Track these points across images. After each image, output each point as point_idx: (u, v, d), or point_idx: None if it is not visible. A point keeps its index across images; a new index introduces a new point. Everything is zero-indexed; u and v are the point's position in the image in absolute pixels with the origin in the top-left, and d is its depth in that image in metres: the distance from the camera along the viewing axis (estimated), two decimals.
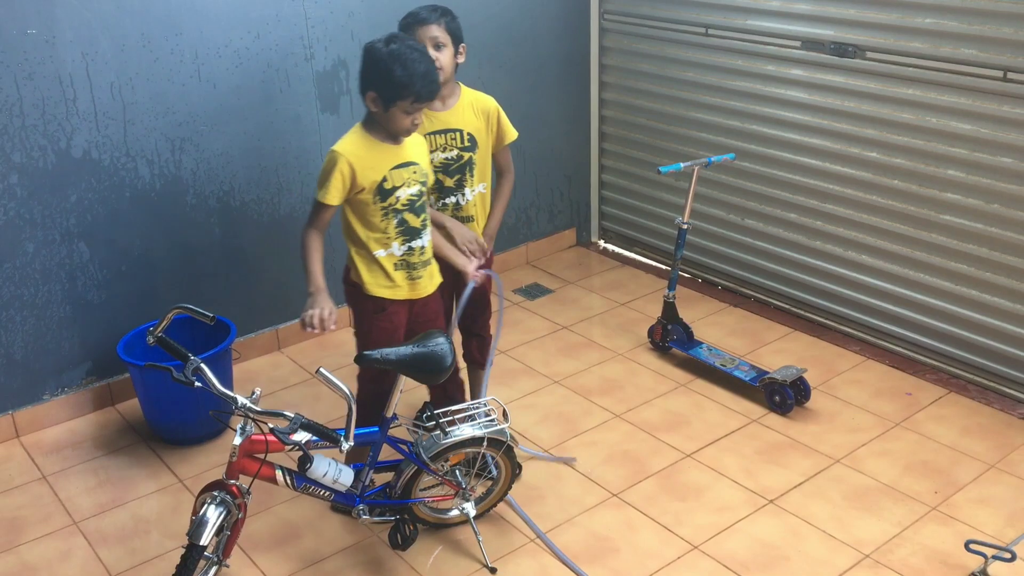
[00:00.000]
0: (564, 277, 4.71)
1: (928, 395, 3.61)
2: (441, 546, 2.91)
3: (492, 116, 3.07)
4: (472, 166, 3.05)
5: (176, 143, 3.56)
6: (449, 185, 3.05)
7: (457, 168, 3.04)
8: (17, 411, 3.50)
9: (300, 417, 2.36)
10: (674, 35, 4.35)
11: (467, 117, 3.02)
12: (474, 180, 3.08)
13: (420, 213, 2.80)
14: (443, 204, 3.07)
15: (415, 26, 2.91)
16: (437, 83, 2.68)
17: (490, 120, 3.07)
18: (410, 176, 2.75)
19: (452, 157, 3.02)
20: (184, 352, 2.46)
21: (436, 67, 2.70)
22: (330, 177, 2.68)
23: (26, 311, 3.41)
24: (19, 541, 2.98)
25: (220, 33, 3.54)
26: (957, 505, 3.00)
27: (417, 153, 2.80)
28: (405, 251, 2.80)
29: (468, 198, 3.08)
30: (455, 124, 3.01)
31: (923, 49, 3.47)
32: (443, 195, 3.06)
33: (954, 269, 3.61)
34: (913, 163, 3.62)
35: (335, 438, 2.39)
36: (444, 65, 2.89)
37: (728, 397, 3.63)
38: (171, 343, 2.49)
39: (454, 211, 3.08)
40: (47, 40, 3.19)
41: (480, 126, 3.04)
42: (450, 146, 3.01)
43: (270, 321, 4.03)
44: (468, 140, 3.03)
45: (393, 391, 2.65)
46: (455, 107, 3.01)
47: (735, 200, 4.32)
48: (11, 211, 3.28)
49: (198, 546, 2.41)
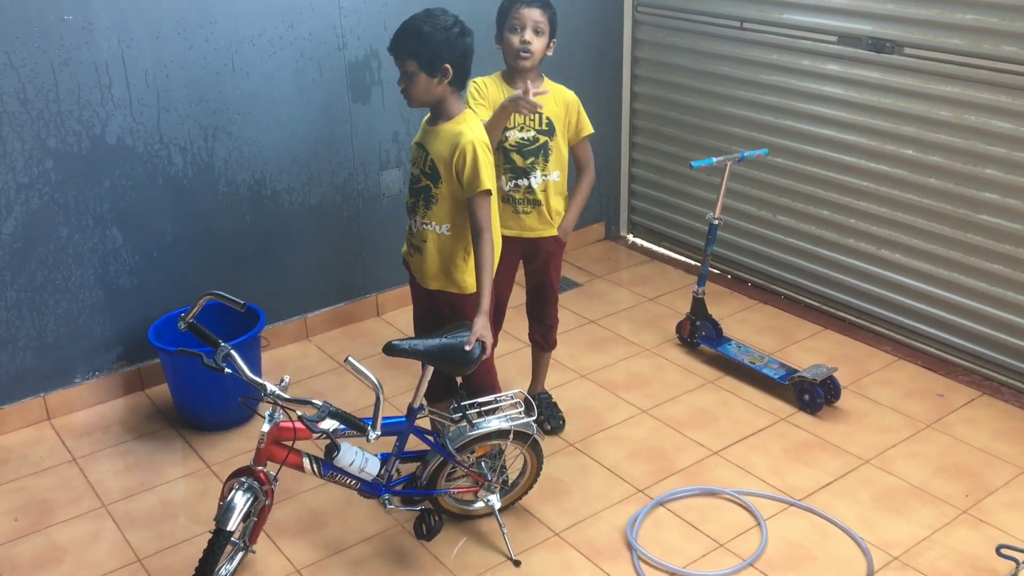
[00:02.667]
0: (592, 271, 4.69)
1: (960, 397, 3.56)
2: (465, 538, 2.91)
3: (572, 107, 3.09)
4: (547, 151, 3.06)
5: (209, 131, 3.58)
6: (521, 165, 3.06)
7: (532, 150, 3.05)
8: (48, 394, 3.54)
9: (328, 405, 2.37)
10: (708, 28, 4.31)
11: (548, 103, 3.03)
12: (548, 166, 3.08)
13: (412, 195, 2.79)
14: (515, 184, 3.08)
15: (520, 5, 2.94)
16: (396, 34, 2.63)
17: (569, 110, 3.09)
18: (416, 156, 2.78)
19: (528, 138, 3.04)
20: (215, 338, 2.48)
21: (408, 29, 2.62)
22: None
23: (59, 295, 3.45)
24: (49, 522, 3.02)
25: (254, 22, 3.55)
26: (988, 509, 2.96)
27: (437, 146, 2.70)
28: (408, 220, 2.85)
29: (538, 181, 3.08)
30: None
31: (963, 46, 3.41)
32: (515, 175, 3.07)
33: (990, 270, 3.55)
34: (950, 161, 3.56)
35: (362, 427, 2.40)
36: (536, 51, 2.95)
37: (756, 395, 3.60)
38: (202, 329, 2.52)
39: (525, 192, 3.09)
40: (83, 27, 3.21)
41: (560, 114, 3.06)
42: (528, 126, 3.03)
43: (299, 310, 4.05)
44: (546, 124, 3.05)
45: (420, 381, 2.66)
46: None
47: (767, 196, 4.28)
48: (46, 195, 3.31)
49: (225, 531, 2.43)
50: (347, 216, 4.04)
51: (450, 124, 2.70)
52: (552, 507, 3.02)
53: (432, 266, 2.80)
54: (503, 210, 3.10)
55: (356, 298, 4.20)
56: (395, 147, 4.06)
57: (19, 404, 3.49)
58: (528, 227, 3.14)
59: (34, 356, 3.47)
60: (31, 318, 3.41)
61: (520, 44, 2.94)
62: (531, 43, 2.93)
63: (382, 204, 4.11)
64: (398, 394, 3.55)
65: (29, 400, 3.50)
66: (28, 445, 3.41)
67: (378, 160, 4.04)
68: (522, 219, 3.12)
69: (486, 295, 2.64)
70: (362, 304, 4.21)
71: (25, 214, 3.29)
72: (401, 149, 4.07)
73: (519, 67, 2.98)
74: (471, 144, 2.63)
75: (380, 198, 4.10)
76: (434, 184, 2.72)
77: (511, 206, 3.11)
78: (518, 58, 2.96)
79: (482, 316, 2.62)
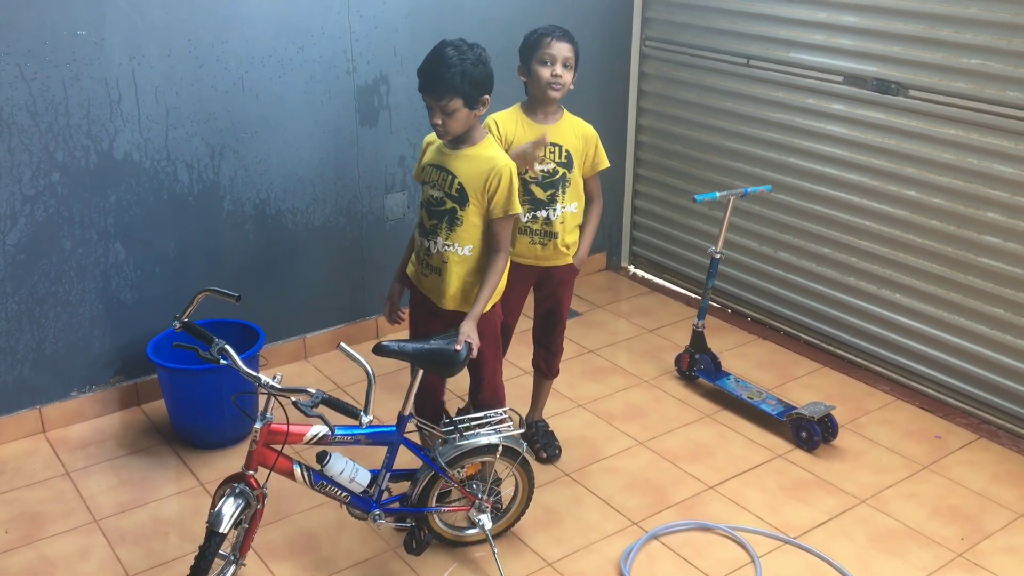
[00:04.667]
0: (592, 300, 4.70)
1: (958, 439, 3.55)
2: (456, 563, 2.89)
3: (591, 141, 3.13)
4: (566, 183, 3.09)
5: (216, 149, 3.60)
6: (541, 198, 3.08)
7: (551, 183, 3.08)
8: (45, 406, 3.53)
9: (321, 392, 2.41)
10: (715, 64, 4.34)
11: (568, 136, 3.08)
12: (566, 198, 3.11)
13: (433, 218, 2.80)
14: (533, 216, 3.10)
15: (553, 40, 2.97)
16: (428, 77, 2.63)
17: (588, 144, 3.12)
18: (438, 179, 2.79)
19: (548, 170, 3.07)
20: (209, 335, 2.53)
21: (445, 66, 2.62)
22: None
23: (59, 307, 3.45)
24: (40, 536, 3.00)
25: (265, 43, 3.58)
26: (984, 553, 2.95)
27: (464, 170, 2.75)
28: (420, 243, 2.87)
29: (558, 213, 3.10)
30: (555, 139, 3.06)
31: (967, 89, 3.44)
32: (534, 207, 3.09)
33: (990, 313, 3.56)
34: (952, 204, 3.58)
35: (355, 412, 2.43)
36: (566, 83, 3.02)
37: (754, 430, 3.60)
38: (197, 327, 2.56)
39: (543, 224, 3.11)
40: (96, 42, 3.24)
41: (579, 147, 3.10)
42: (548, 159, 3.06)
43: (298, 330, 4.05)
44: (566, 156, 3.08)
45: (410, 387, 2.68)
46: (557, 124, 3.08)
47: (769, 232, 4.30)
48: (51, 208, 3.33)
49: (217, 533, 2.45)
50: (350, 238, 4.05)
51: (478, 149, 2.75)
52: (545, 536, 3.01)
53: (452, 287, 2.82)
54: (519, 240, 3.13)
55: (356, 320, 4.20)
56: (400, 171, 4.08)
57: (15, 415, 3.48)
58: (543, 257, 3.16)
59: (32, 368, 3.46)
60: (31, 330, 3.41)
61: (552, 77, 2.98)
62: (561, 76, 2.98)
63: (385, 228, 4.12)
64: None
65: (25, 412, 3.50)
66: (22, 457, 3.40)
67: (383, 183, 4.06)
68: (537, 249, 3.14)
69: (481, 303, 2.75)
70: (362, 326, 4.21)
71: (30, 226, 3.30)
72: (407, 173, 4.09)
73: (549, 98, 3.02)
74: (507, 169, 2.73)
75: (384, 221, 4.11)
76: (460, 207, 2.75)
77: (527, 236, 3.12)
78: (549, 90, 2.99)
79: (470, 320, 2.71)
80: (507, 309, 3.24)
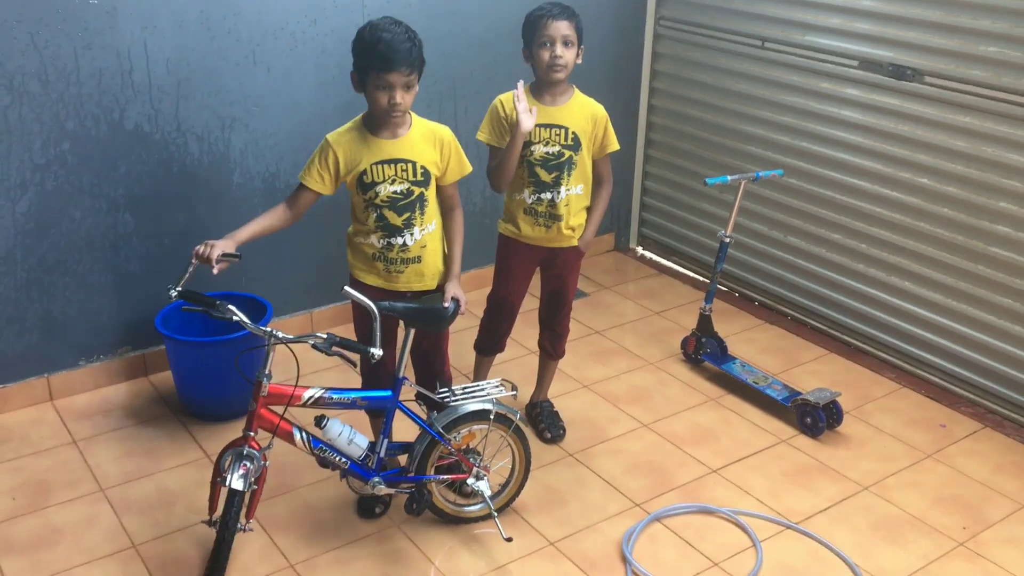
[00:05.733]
0: (600, 281, 4.69)
1: (962, 428, 3.55)
2: (457, 539, 2.91)
3: (600, 122, 3.09)
4: (572, 166, 3.07)
5: (227, 121, 3.59)
6: (546, 180, 3.06)
7: (556, 165, 3.05)
8: (52, 375, 3.55)
9: (332, 335, 2.48)
10: (730, 46, 4.31)
11: (576, 117, 3.04)
12: (571, 180, 3.08)
13: (403, 212, 2.74)
14: (538, 199, 3.09)
15: (548, 19, 2.94)
16: (400, 53, 2.57)
17: (597, 125, 3.08)
18: (395, 173, 2.72)
19: (553, 153, 3.04)
20: (210, 300, 2.56)
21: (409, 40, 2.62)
22: (312, 159, 2.75)
23: (68, 277, 3.46)
24: (47, 503, 3.03)
25: (277, 16, 3.56)
26: (985, 543, 2.95)
27: (419, 151, 2.73)
28: (383, 246, 2.79)
29: (562, 196, 3.08)
30: (562, 121, 3.03)
31: (983, 77, 3.41)
32: (539, 189, 3.07)
33: (999, 303, 3.55)
34: (965, 192, 3.56)
35: (364, 349, 2.49)
36: (568, 63, 2.97)
37: (758, 415, 3.60)
38: (194, 294, 2.57)
39: (548, 207, 3.09)
40: (108, 11, 3.22)
41: (587, 128, 3.06)
42: (553, 141, 3.03)
43: (305, 304, 4.06)
44: (572, 139, 3.04)
45: (403, 347, 2.72)
46: (565, 105, 3.05)
47: (779, 217, 4.28)
48: (61, 178, 3.33)
49: (238, 492, 2.53)
50: None
51: (416, 127, 2.75)
52: (548, 517, 3.02)
53: (435, 265, 2.86)
54: (525, 220, 3.12)
55: None
56: None
57: (22, 383, 3.50)
58: (547, 239, 3.15)
59: (40, 336, 3.48)
60: (39, 299, 3.42)
61: (551, 59, 2.95)
62: (561, 56, 2.94)
63: None
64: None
65: (33, 380, 3.51)
66: (29, 425, 3.42)
67: None
68: (542, 231, 3.13)
69: (458, 261, 2.87)
70: None
71: (40, 195, 3.30)
72: None
73: (553, 79, 2.99)
74: (449, 133, 2.79)
75: None
76: (426, 188, 2.75)
77: (532, 218, 3.12)
78: (551, 72, 2.97)
79: (454, 279, 2.84)
80: (511, 288, 3.24)
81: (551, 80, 2.99)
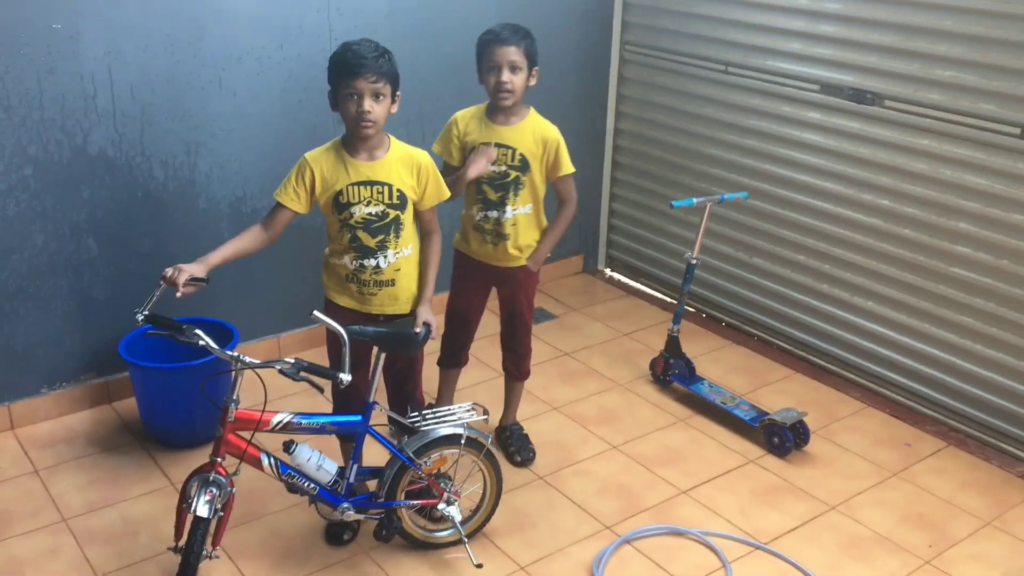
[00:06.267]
0: (568, 303, 4.71)
1: (927, 447, 3.59)
2: (427, 565, 2.89)
3: (551, 145, 3.10)
4: (518, 186, 3.09)
5: (192, 146, 3.57)
6: (492, 198, 3.09)
7: (502, 184, 3.08)
8: (13, 403, 3.49)
9: (300, 360, 2.46)
10: (694, 70, 4.36)
11: (525, 139, 3.06)
12: (518, 200, 3.11)
13: (378, 234, 2.74)
14: (485, 216, 3.12)
15: (494, 45, 2.96)
16: (366, 59, 2.58)
17: (548, 149, 3.09)
18: (371, 195, 2.71)
19: (500, 172, 3.07)
20: (176, 323, 2.54)
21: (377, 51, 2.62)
22: (289, 177, 2.74)
23: (30, 303, 3.41)
24: (7, 535, 2.97)
25: (243, 40, 3.55)
26: (951, 560, 2.98)
27: (396, 175, 2.72)
28: (356, 267, 2.78)
29: (508, 215, 3.11)
30: (510, 142, 3.05)
31: (941, 101, 3.47)
32: (486, 207, 3.10)
33: (960, 322, 3.60)
34: (925, 213, 3.62)
35: (332, 374, 2.47)
36: (516, 87, 2.99)
37: (727, 435, 3.62)
38: (161, 318, 2.54)
39: (494, 225, 3.12)
40: (71, 36, 3.20)
41: (536, 151, 3.08)
42: (500, 160, 3.06)
43: (272, 329, 4.03)
44: (519, 160, 3.06)
45: (372, 372, 2.72)
46: (517, 126, 3.07)
47: (744, 238, 4.32)
48: (23, 203, 3.29)
49: (203, 519, 2.49)
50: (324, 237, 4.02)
51: (394, 150, 2.74)
52: (518, 540, 3.01)
53: (409, 289, 2.85)
54: (473, 236, 3.16)
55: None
56: None
57: None
58: (493, 256, 3.18)
59: (1, 363, 3.42)
60: (0, 325, 3.37)
61: (496, 84, 2.98)
62: (508, 82, 2.96)
63: None
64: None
65: None
66: None
67: None
68: (488, 248, 3.16)
69: (431, 286, 2.86)
70: None
71: (1, 220, 3.26)
72: None
73: (500, 104, 3.02)
74: (427, 158, 2.78)
75: None
76: (402, 211, 2.75)
77: (480, 235, 3.15)
78: (498, 97, 3.00)
79: (426, 304, 2.82)
80: (463, 301, 3.27)
81: (499, 105, 3.02)
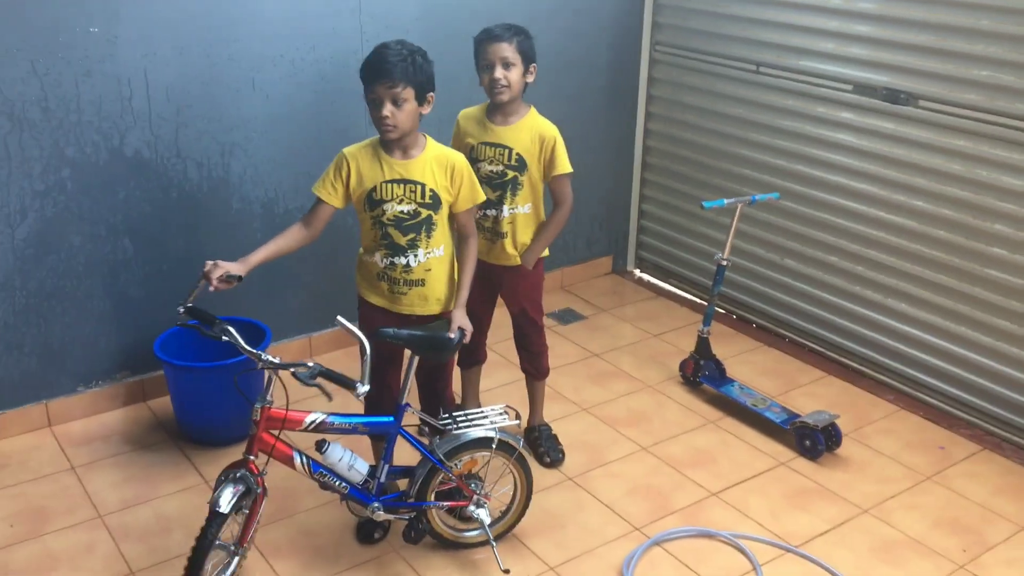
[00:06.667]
0: (598, 304, 4.70)
1: (961, 451, 3.55)
2: (456, 565, 2.90)
3: (547, 144, 3.08)
4: (516, 186, 3.09)
5: (226, 147, 3.61)
6: (490, 197, 3.09)
7: (500, 183, 3.09)
8: (50, 401, 3.55)
9: (319, 365, 2.46)
10: (725, 71, 4.34)
11: (522, 138, 3.06)
12: (515, 200, 3.11)
13: (409, 232, 2.76)
14: (484, 215, 3.13)
15: (487, 43, 2.98)
16: (386, 64, 2.59)
17: (544, 147, 3.08)
18: (404, 193, 2.74)
19: (496, 171, 3.08)
20: (212, 317, 2.58)
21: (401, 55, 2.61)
22: (327, 172, 2.77)
23: (67, 303, 3.46)
24: (45, 530, 3.02)
25: (277, 43, 3.59)
26: (985, 565, 2.95)
27: (429, 174, 2.74)
28: (387, 264, 2.81)
29: (504, 215, 3.12)
30: (507, 141, 3.06)
31: (977, 101, 3.43)
32: (484, 206, 3.10)
33: (996, 325, 3.56)
34: (961, 215, 3.58)
35: (351, 383, 2.46)
36: (511, 83, 2.98)
37: (757, 438, 3.60)
38: (201, 311, 2.59)
39: (492, 223, 3.13)
40: (108, 39, 3.25)
41: (533, 150, 3.07)
42: (497, 160, 3.07)
43: (304, 328, 4.06)
44: (516, 160, 3.06)
45: (406, 375, 2.72)
46: (515, 125, 3.07)
47: (776, 239, 4.30)
48: (60, 204, 3.34)
49: (219, 514, 2.46)
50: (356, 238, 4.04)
51: (430, 150, 2.75)
52: (547, 541, 3.01)
53: (440, 290, 2.86)
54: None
55: None
56: None
57: (21, 409, 3.50)
58: (493, 254, 3.19)
59: (39, 362, 3.48)
60: (38, 324, 3.43)
61: (490, 82, 2.98)
62: (501, 79, 2.96)
63: None
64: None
65: (31, 406, 3.51)
66: (27, 451, 3.41)
67: None
68: (487, 245, 3.17)
69: (466, 290, 2.85)
70: None
71: (39, 221, 3.32)
72: None
73: (496, 101, 3.03)
74: (462, 160, 2.79)
75: None
76: (435, 211, 2.77)
77: (479, 233, 3.13)
78: (493, 94, 3.01)
79: (460, 308, 2.81)
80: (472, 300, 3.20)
81: (495, 102, 3.03)
